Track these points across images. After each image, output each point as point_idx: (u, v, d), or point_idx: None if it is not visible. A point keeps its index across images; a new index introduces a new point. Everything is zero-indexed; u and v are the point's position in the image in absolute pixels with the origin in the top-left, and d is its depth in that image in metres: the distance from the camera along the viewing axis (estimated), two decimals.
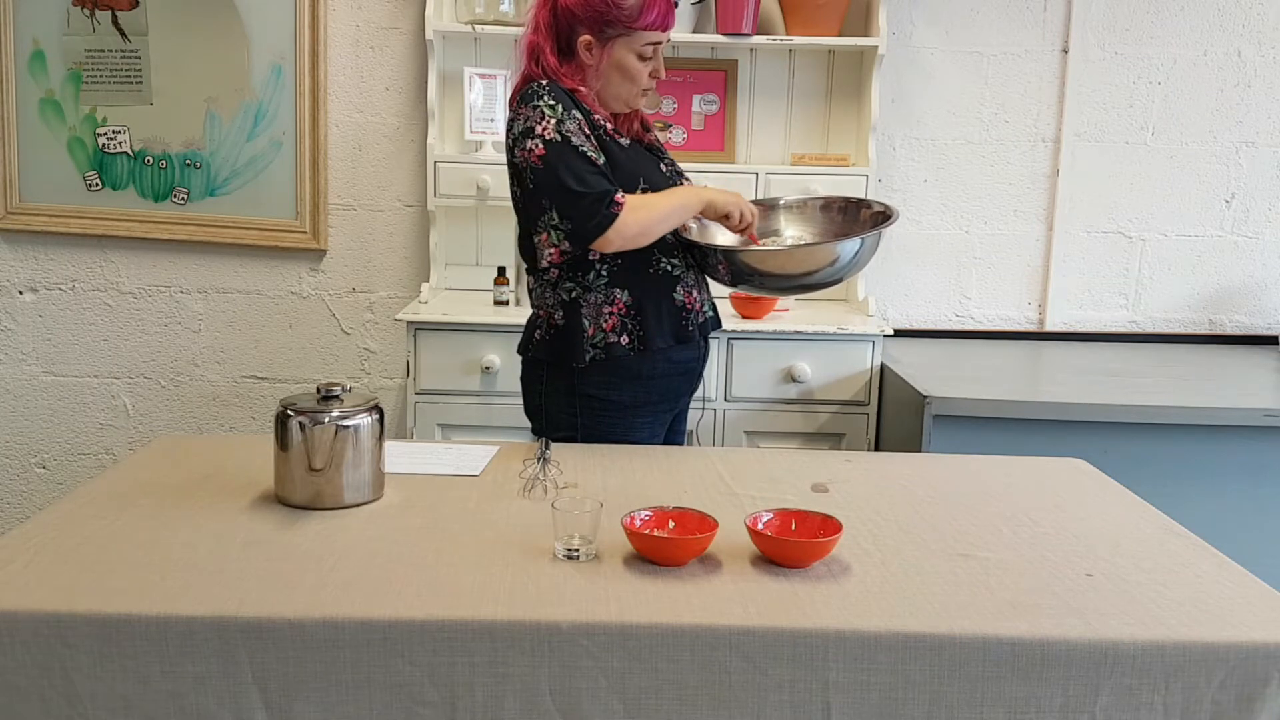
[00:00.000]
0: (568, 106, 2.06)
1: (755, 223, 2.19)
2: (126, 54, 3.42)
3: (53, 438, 3.65)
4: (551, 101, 2.05)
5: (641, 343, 2.13)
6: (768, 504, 1.74)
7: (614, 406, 2.16)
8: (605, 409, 2.17)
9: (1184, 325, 3.61)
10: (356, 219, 3.53)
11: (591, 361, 2.13)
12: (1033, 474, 2.00)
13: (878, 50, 3.25)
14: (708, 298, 2.27)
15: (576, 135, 2.03)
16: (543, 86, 2.07)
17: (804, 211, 2.43)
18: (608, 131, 2.10)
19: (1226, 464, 2.77)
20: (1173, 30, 3.46)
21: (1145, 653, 1.34)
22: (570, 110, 2.05)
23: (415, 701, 1.33)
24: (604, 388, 2.15)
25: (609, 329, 2.13)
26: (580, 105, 2.09)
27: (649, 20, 2.07)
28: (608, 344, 2.12)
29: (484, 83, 3.32)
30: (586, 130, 2.06)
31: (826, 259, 2.17)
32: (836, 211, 2.40)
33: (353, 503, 1.70)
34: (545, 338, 2.20)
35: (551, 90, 2.06)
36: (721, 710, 1.34)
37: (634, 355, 2.13)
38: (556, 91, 2.07)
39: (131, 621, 1.33)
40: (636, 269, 2.12)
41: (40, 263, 3.56)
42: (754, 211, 2.18)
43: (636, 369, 2.14)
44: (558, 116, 2.04)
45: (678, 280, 2.16)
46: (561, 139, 2.03)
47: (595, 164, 2.04)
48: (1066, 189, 3.53)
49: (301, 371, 3.60)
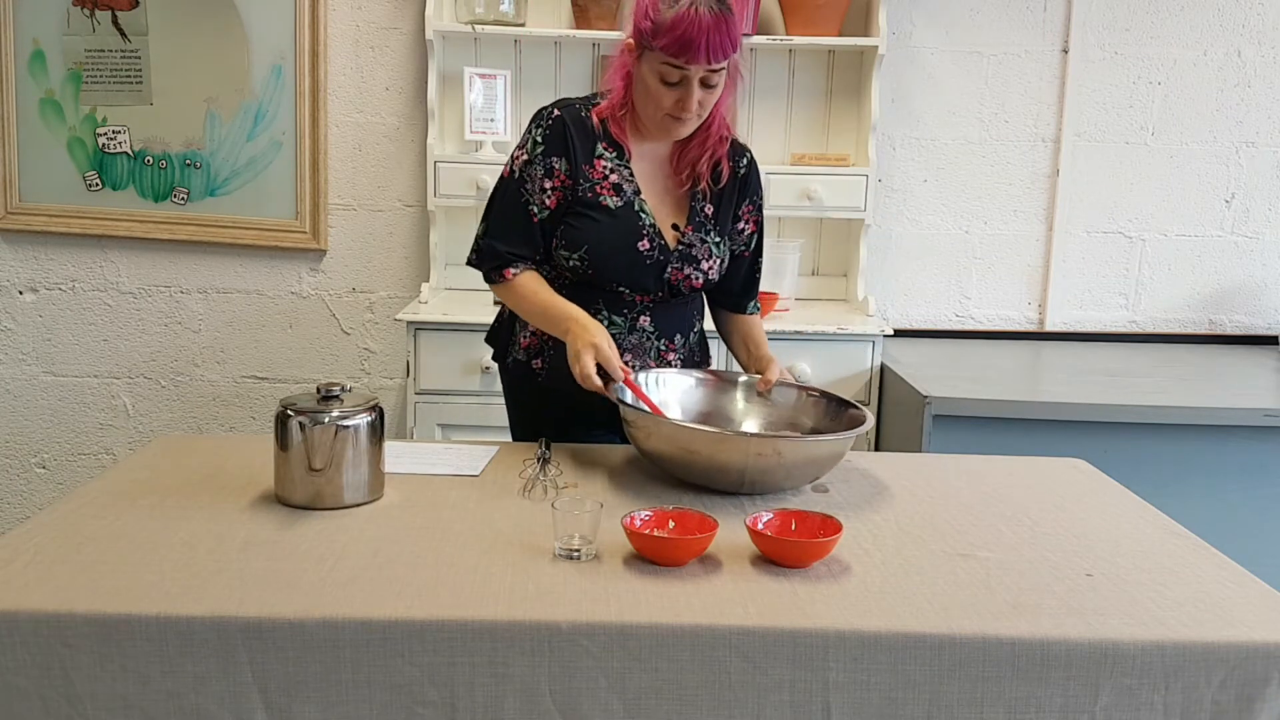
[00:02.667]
0: (556, 150, 2.01)
1: (612, 379, 1.90)
2: (126, 54, 3.42)
3: (53, 438, 3.65)
4: (540, 138, 2.03)
5: (549, 377, 2.09)
6: (767, 504, 1.74)
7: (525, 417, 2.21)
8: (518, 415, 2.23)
9: (1184, 325, 3.61)
10: (356, 219, 3.53)
11: (514, 364, 2.17)
12: (1033, 474, 2.00)
13: (878, 50, 3.25)
14: (650, 365, 2.08)
15: (532, 183, 2.02)
16: (550, 115, 2.04)
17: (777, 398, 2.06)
18: (599, 188, 2.02)
19: (1226, 464, 2.77)
20: (1173, 30, 3.46)
21: (1145, 653, 1.34)
22: (551, 157, 2.01)
23: (415, 701, 1.33)
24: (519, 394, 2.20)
25: (524, 346, 2.14)
26: (577, 145, 2.01)
27: (663, 43, 1.89)
28: (527, 358, 2.14)
29: (484, 83, 3.32)
30: (552, 183, 2.01)
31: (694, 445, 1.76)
32: (818, 406, 2.02)
33: (353, 503, 1.70)
34: (495, 321, 2.26)
35: (558, 124, 2.02)
36: (721, 710, 1.34)
37: (540, 381, 2.12)
38: (562, 126, 2.02)
39: (131, 621, 1.33)
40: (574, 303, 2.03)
41: (40, 263, 3.56)
42: (599, 388, 1.88)
43: (543, 391, 2.12)
44: (531, 155, 2.03)
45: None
46: (518, 178, 2.04)
47: (527, 221, 2.03)
48: (1066, 189, 3.53)
49: (301, 371, 3.60)
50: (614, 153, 2.05)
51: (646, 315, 2.10)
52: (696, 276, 2.08)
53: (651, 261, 2.05)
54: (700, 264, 2.08)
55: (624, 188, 2.05)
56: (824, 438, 1.82)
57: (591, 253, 2.03)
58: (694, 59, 1.89)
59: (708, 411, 2.05)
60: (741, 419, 2.05)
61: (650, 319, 2.10)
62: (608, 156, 2.05)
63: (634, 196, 2.05)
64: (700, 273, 2.08)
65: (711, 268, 2.09)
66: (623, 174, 2.05)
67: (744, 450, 1.74)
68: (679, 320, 2.15)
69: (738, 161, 2.13)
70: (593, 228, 2.03)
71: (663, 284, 2.07)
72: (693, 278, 2.08)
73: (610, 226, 2.03)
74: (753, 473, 1.75)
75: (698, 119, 2.00)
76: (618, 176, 2.05)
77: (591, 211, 2.03)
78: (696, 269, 2.08)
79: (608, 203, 2.03)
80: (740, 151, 2.15)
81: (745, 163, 2.15)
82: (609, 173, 2.04)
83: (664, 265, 2.05)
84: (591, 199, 2.03)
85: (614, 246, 2.03)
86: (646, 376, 2.02)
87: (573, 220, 2.04)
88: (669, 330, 2.13)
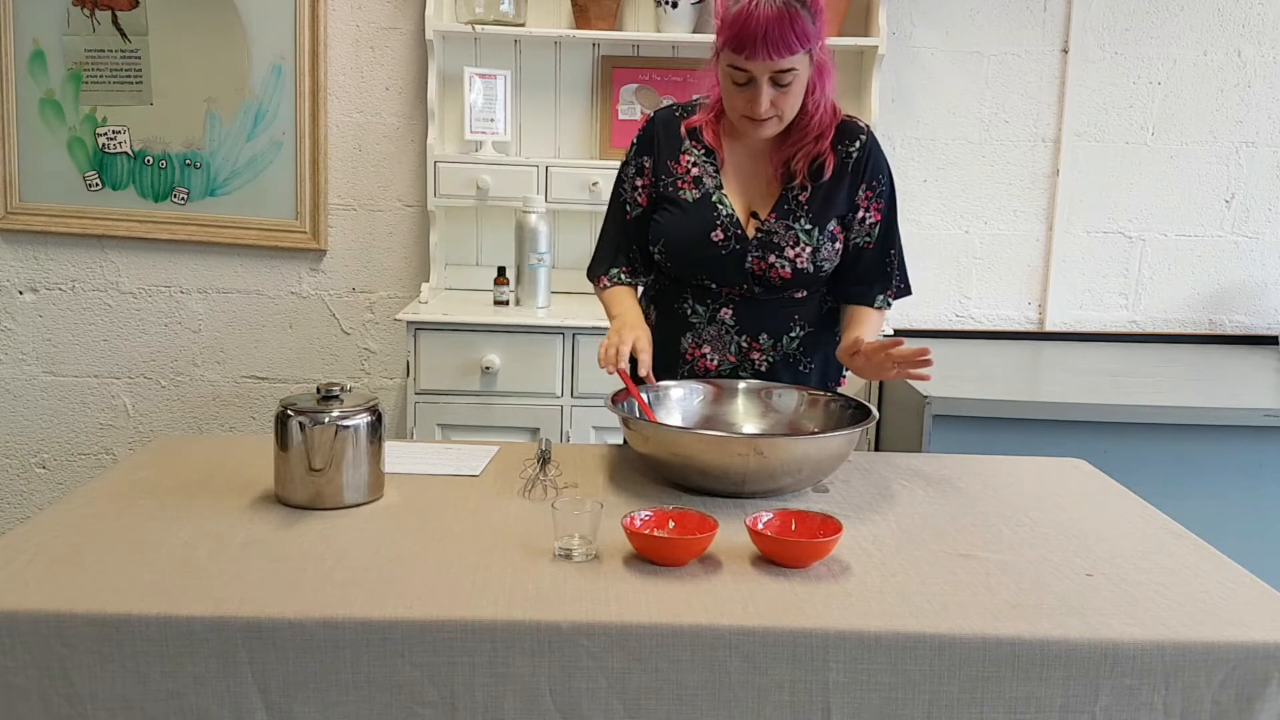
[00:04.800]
0: (644, 149, 2.10)
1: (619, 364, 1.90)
2: (126, 54, 3.42)
3: (53, 438, 3.65)
4: (635, 141, 2.12)
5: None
6: (768, 504, 1.74)
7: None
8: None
9: (1184, 325, 3.61)
10: (356, 219, 3.53)
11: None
12: (1033, 474, 2.00)
13: (878, 50, 3.25)
14: (729, 359, 2.07)
15: (628, 183, 2.12)
16: (649, 120, 2.12)
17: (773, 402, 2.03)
18: (680, 183, 2.05)
19: (1226, 464, 2.77)
20: (1173, 30, 3.46)
21: (1145, 653, 1.34)
22: (640, 156, 2.10)
23: (415, 701, 1.33)
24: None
25: None
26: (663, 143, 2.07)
27: (724, 40, 1.86)
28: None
29: (484, 83, 3.32)
30: (642, 181, 2.09)
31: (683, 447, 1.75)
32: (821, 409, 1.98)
33: (353, 503, 1.70)
34: None
35: (649, 125, 2.11)
36: (721, 710, 1.34)
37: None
38: (651, 127, 2.10)
39: (131, 621, 1.33)
40: (664, 296, 2.14)
41: (40, 263, 3.56)
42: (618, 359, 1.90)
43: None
44: (628, 157, 2.13)
45: (690, 328, 2.09)
46: (619, 179, 2.14)
47: (622, 220, 2.12)
48: (1066, 189, 3.53)
49: (301, 371, 3.60)
50: (701, 150, 2.06)
51: (729, 309, 2.07)
52: (782, 265, 2.00)
53: (728, 251, 2.01)
54: (784, 251, 1.99)
55: (704, 181, 2.04)
56: (824, 435, 1.81)
57: (668, 245, 2.05)
58: (752, 55, 1.83)
59: (707, 416, 2.03)
60: (742, 423, 2.02)
61: (733, 312, 2.07)
62: (695, 153, 2.06)
63: (714, 190, 2.04)
64: (785, 261, 2.00)
65: (800, 255, 2.00)
66: (706, 169, 2.05)
67: (740, 451, 1.72)
68: (769, 318, 2.07)
69: (847, 147, 2.03)
70: (669, 220, 2.06)
71: (745, 275, 2.02)
72: (778, 266, 2.00)
73: (685, 218, 2.04)
74: (753, 475, 1.74)
75: (778, 120, 1.93)
76: (699, 171, 2.05)
77: (670, 206, 2.06)
78: (780, 257, 2.00)
79: (685, 196, 2.05)
80: (852, 135, 2.04)
81: (857, 147, 2.03)
82: (691, 167, 2.06)
83: (743, 255, 2.01)
84: (672, 193, 2.06)
85: (688, 238, 2.03)
86: (655, 388, 2.00)
87: (656, 215, 2.08)
88: (753, 327, 2.07)
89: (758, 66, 1.86)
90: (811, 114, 1.98)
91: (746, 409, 2.03)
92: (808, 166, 2.01)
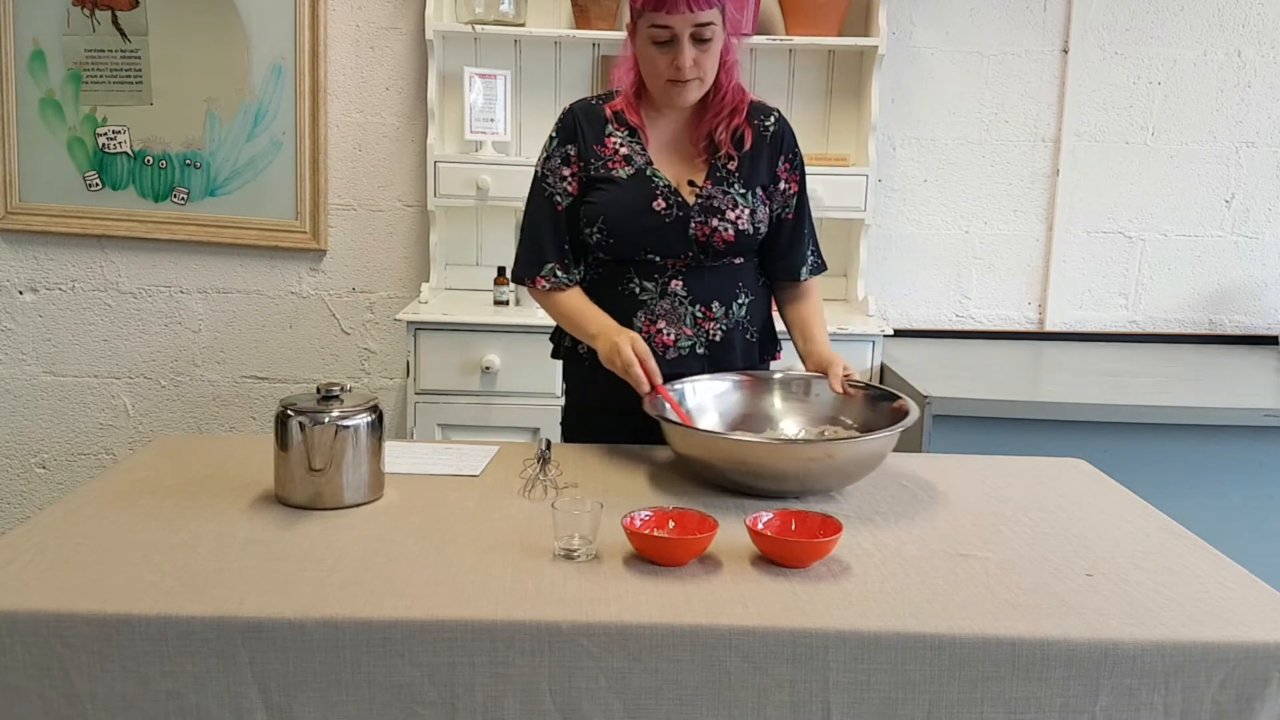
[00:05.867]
0: (567, 139, 2.07)
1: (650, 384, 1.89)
2: (126, 54, 3.42)
3: (53, 438, 3.65)
4: (554, 132, 2.10)
5: (591, 353, 2.06)
6: (768, 504, 1.74)
7: (574, 405, 2.22)
8: (570, 402, 2.23)
9: (1184, 325, 3.61)
10: (356, 219, 3.53)
11: (565, 351, 2.17)
12: (1033, 474, 2.00)
13: (878, 50, 3.25)
14: (685, 333, 2.07)
15: (552, 176, 2.08)
16: (565, 112, 2.11)
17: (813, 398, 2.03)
18: (610, 164, 2.05)
19: (1226, 464, 2.77)
20: (1173, 30, 3.46)
21: (1145, 653, 1.34)
22: (564, 145, 2.07)
23: (415, 701, 1.33)
24: (570, 380, 2.21)
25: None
26: (585, 130, 2.07)
27: (645, 2, 1.93)
28: (574, 343, 2.13)
29: (484, 83, 3.32)
30: (569, 170, 2.07)
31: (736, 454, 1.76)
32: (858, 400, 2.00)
33: (353, 503, 1.70)
34: None
35: (567, 115, 2.09)
36: (721, 710, 1.34)
37: (587, 363, 2.10)
38: (571, 117, 2.09)
39: (131, 621, 1.33)
40: (607, 282, 2.10)
41: (40, 263, 3.56)
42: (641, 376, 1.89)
43: (589, 374, 2.10)
44: (549, 150, 2.10)
45: (641, 305, 2.06)
46: (540, 175, 2.11)
47: (553, 211, 2.08)
48: (1066, 189, 3.53)
49: (301, 371, 3.60)
50: (625, 131, 2.08)
51: (679, 280, 2.07)
52: (725, 228, 2.03)
53: (671, 219, 2.03)
54: (724, 214, 2.03)
55: (634, 159, 2.06)
56: (874, 435, 1.81)
57: (608, 221, 2.04)
58: (674, 8, 1.91)
59: (746, 414, 2.02)
60: (780, 419, 2.03)
61: (683, 283, 2.07)
62: (619, 135, 2.07)
63: (645, 165, 2.06)
64: (728, 223, 2.03)
65: (740, 217, 2.04)
66: (633, 148, 2.07)
67: (796, 457, 1.75)
68: (717, 287, 2.09)
69: (762, 122, 2.10)
70: (606, 199, 2.05)
71: (690, 242, 2.04)
72: (721, 230, 2.03)
73: (622, 193, 2.05)
74: (807, 478, 1.76)
75: (700, 83, 2.00)
76: (628, 150, 2.07)
77: (604, 184, 2.06)
78: (722, 219, 2.03)
79: (619, 174, 2.06)
80: (765, 112, 2.12)
81: (772, 121, 2.12)
82: (619, 147, 2.07)
83: (686, 221, 2.04)
84: (604, 174, 2.06)
85: (629, 210, 2.04)
86: (680, 385, 1.99)
87: (590, 198, 2.07)
88: (704, 295, 2.08)
89: (679, 21, 1.92)
90: (725, 85, 2.05)
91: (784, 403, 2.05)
92: (730, 137, 2.07)
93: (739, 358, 2.11)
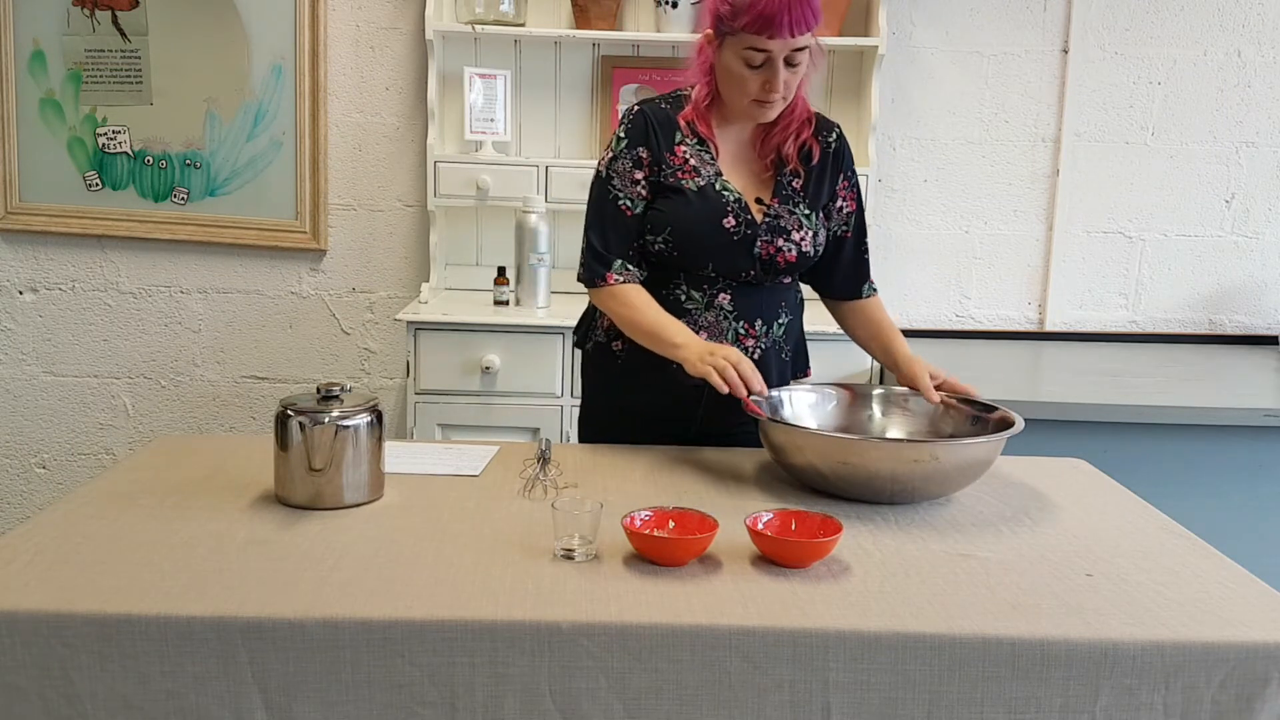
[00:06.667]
0: (639, 141, 2.02)
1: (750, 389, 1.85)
2: (126, 54, 3.42)
3: (53, 438, 3.65)
4: (623, 133, 2.04)
5: (629, 357, 2.07)
6: (768, 504, 1.74)
7: (600, 404, 2.20)
8: (593, 403, 2.22)
9: (1184, 325, 3.61)
10: (356, 219, 3.53)
11: (594, 347, 2.16)
12: (1033, 474, 2.00)
13: (878, 50, 3.26)
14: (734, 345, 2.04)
15: (621, 179, 2.03)
16: (635, 112, 2.05)
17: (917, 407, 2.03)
18: (680, 173, 2.01)
19: (1226, 464, 2.77)
20: (1173, 30, 3.46)
21: (1145, 653, 1.34)
22: (636, 147, 2.02)
23: (415, 701, 1.33)
24: (594, 380, 2.20)
25: (605, 328, 2.13)
26: (658, 134, 2.01)
27: (744, 22, 1.87)
28: (608, 340, 2.12)
29: (484, 83, 3.32)
30: (642, 173, 2.02)
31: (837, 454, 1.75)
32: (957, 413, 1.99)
33: (353, 503, 1.70)
34: (583, 313, 2.24)
35: (639, 117, 2.03)
36: (721, 710, 1.34)
37: (621, 363, 2.10)
38: (643, 119, 2.03)
39: (131, 621, 1.33)
40: (652, 285, 2.06)
41: (40, 263, 3.56)
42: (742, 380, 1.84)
43: (623, 375, 2.10)
44: (617, 151, 2.04)
45: (685, 313, 2.04)
46: (606, 176, 2.05)
47: (622, 216, 2.02)
48: (1066, 189, 3.53)
49: (301, 371, 3.60)
50: (695, 140, 2.04)
51: (727, 294, 2.05)
52: (789, 249, 2.02)
53: (740, 237, 2.01)
54: (790, 235, 2.02)
55: (703, 170, 2.03)
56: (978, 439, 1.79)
57: (676, 233, 2.01)
58: (777, 33, 1.87)
59: (844, 426, 2.02)
60: (881, 431, 2.02)
61: (730, 298, 2.05)
62: (689, 144, 2.04)
63: (715, 178, 2.03)
64: (792, 244, 2.02)
65: (804, 239, 2.03)
66: (702, 159, 2.04)
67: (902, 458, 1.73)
68: (761, 305, 2.08)
69: (826, 138, 2.09)
70: (676, 209, 2.01)
71: (753, 260, 2.03)
72: (785, 250, 2.02)
73: (693, 206, 2.01)
74: (911, 480, 1.74)
75: (783, 101, 1.97)
76: (697, 160, 2.03)
77: (674, 195, 2.02)
78: (787, 240, 2.02)
79: (689, 185, 2.02)
80: (829, 127, 2.11)
81: (834, 137, 2.10)
82: (689, 157, 2.03)
83: (753, 240, 2.02)
84: (674, 183, 2.02)
85: (699, 225, 2.01)
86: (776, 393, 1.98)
87: (658, 205, 2.03)
88: (748, 313, 2.06)
89: (778, 45, 1.89)
90: (797, 100, 2.03)
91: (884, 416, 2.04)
92: (798, 153, 2.06)
93: (774, 378, 2.08)
